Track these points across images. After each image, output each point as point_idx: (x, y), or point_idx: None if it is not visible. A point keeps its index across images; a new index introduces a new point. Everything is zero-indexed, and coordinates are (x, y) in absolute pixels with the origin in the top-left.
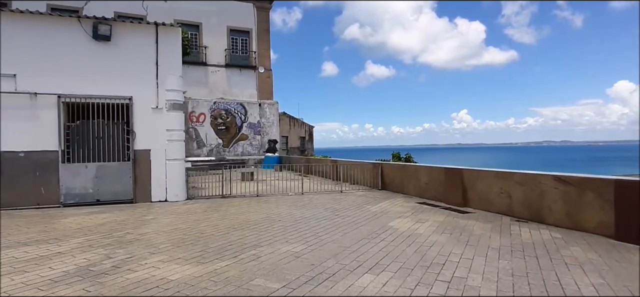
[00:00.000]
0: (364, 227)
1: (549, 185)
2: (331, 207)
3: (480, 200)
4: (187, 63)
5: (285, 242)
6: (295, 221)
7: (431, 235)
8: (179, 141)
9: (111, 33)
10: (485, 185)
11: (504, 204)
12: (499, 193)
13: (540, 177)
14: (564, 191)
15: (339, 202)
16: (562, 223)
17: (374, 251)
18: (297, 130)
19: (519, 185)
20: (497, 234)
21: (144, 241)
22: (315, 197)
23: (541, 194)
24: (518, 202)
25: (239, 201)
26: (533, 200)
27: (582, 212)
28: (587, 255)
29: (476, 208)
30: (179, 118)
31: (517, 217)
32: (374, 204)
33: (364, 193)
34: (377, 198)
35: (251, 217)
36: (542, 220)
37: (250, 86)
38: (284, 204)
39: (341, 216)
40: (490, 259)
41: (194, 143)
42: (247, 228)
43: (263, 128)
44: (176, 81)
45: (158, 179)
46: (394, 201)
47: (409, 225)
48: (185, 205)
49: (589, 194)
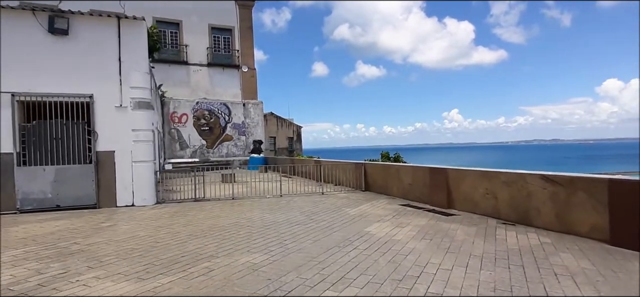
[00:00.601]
0: (338, 233)
1: (536, 185)
2: (308, 211)
3: (466, 201)
4: (168, 62)
5: (247, 252)
6: (265, 227)
7: (409, 242)
8: (146, 142)
9: (69, 26)
10: (470, 185)
11: (489, 205)
12: (485, 194)
13: (527, 177)
14: (552, 192)
15: (317, 205)
16: (551, 226)
17: (343, 261)
18: (285, 131)
19: (505, 185)
20: (481, 239)
21: (88, 253)
22: (294, 200)
23: (528, 195)
24: (504, 204)
25: (211, 205)
26: (520, 201)
27: (573, 214)
28: (579, 263)
29: (461, 210)
30: (146, 117)
31: (504, 220)
32: (354, 206)
33: (346, 195)
34: (359, 200)
35: (219, 223)
36: (529, 222)
37: (233, 86)
38: (258, 208)
39: (316, 220)
40: (471, 269)
41: (177, 144)
42: (210, 235)
43: (248, 128)
44: (142, 78)
45: (124, 182)
46: (376, 203)
47: (387, 230)
48: (153, 210)
49: (581, 194)
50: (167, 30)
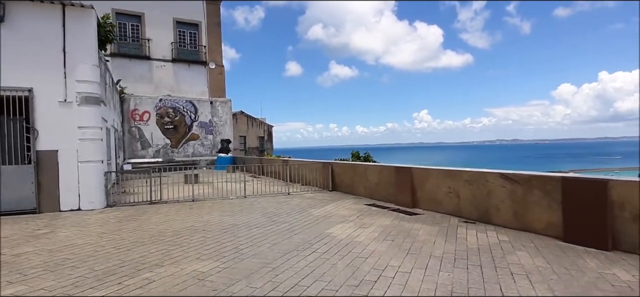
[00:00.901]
0: (299, 236)
1: (496, 183)
2: (271, 212)
3: (430, 200)
4: (128, 56)
5: (196, 260)
6: (222, 231)
7: (371, 243)
8: (94, 140)
9: (5, 13)
10: (434, 184)
11: (452, 204)
12: (448, 193)
13: (487, 176)
14: (511, 190)
15: (282, 206)
16: (509, 224)
17: (299, 266)
18: (255, 130)
19: (467, 184)
20: (442, 238)
21: (13, 265)
22: (258, 201)
23: (489, 194)
24: (466, 202)
25: (168, 208)
26: (481, 200)
27: (530, 212)
28: (534, 262)
29: (426, 209)
30: (94, 113)
31: (466, 218)
32: (319, 207)
33: (313, 195)
34: (325, 200)
35: (171, 227)
36: (489, 220)
37: (200, 83)
38: (218, 210)
39: (278, 222)
40: (430, 271)
41: (138, 143)
42: (159, 241)
43: (215, 127)
44: (90, 71)
45: (68, 184)
46: (341, 203)
47: (349, 231)
48: (101, 214)
49: (536, 192)
50: (128, 23)
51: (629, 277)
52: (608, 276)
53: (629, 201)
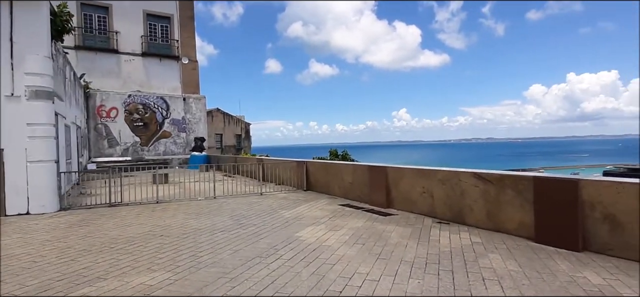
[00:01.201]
0: (265, 240)
1: (469, 183)
2: (239, 214)
3: (404, 200)
4: (94, 50)
5: (146, 270)
6: (182, 236)
7: (340, 247)
8: (46, 138)
9: None
10: (408, 184)
11: (426, 204)
12: (422, 193)
13: (461, 175)
14: (484, 190)
15: (252, 207)
16: (483, 224)
17: (260, 276)
18: (232, 128)
19: (441, 183)
20: (414, 241)
21: None
22: (228, 202)
23: (462, 193)
24: (440, 202)
25: (127, 211)
26: (454, 199)
27: (503, 212)
28: (506, 265)
29: (400, 209)
30: (46, 109)
31: (440, 218)
32: (291, 208)
33: (286, 195)
34: (298, 200)
35: (126, 233)
36: (463, 221)
37: (173, 78)
38: (183, 212)
39: (245, 225)
40: (400, 278)
41: (105, 142)
42: (110, 250)
43: (189, 125)
44: (41, 63)
45: (16, 186)
46: (315, 204)
47: (319, 234)
48: (51, 219)
49: (509, 192)
50: (94, 14)
51: (600, 280)
52: (579, 279)
53: (599, 201)
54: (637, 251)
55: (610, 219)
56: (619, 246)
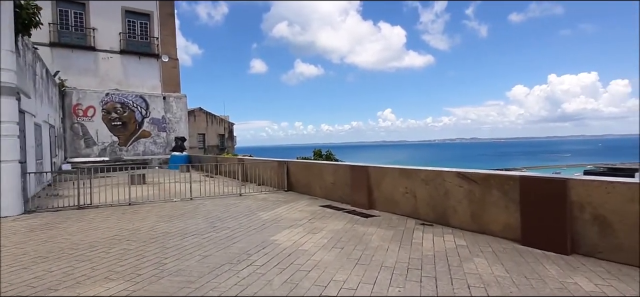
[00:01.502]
0: (238, 245)
1: (453, 183)
2: (215, 216)
3: (386, 201)
4: (70, 47)
5: (103, 280)
6: (150, 241)
7: (318, 252)
8: (9, 137)
9: None
10: (390, 184)
11: (409, 204)
12: (405, 193)
13: (444, 175)
14: (468, 190)
15: (229, 209)
16: (467, 225)
17: (228, 285)
18: (215, 128)
19: (424, 183)
20: (396, 244)
21: None
22: (205, 203)
23: (446, 194)
24: (423, 203)
25: (96, 214)
26: (438, 200)
27: (488, 213)
28: (492, 270)
29: (383, 210)
30: (10, 106)
31: (423, 220)
32: (269, 209)
33: (266, 195)
34: (278, 201)
35: (90, 238)
36: (447, 222)
37: (152, 77)
38: (156, 215)
39: (219, 228)
40: (379, 286)
41: (81, 141)
42: (68, 256)
43: (169, 124)
44: (3, 57)
45: None
46: (295, 205)
47: (297, 238)
48: (13, 222)
49: (495, 192)
50: (70, 10)
51: (592, 287)
52: (570, 285)
53: (588, 202)
54: (628, 253)
55: (600, 220)
56: (609, 248)
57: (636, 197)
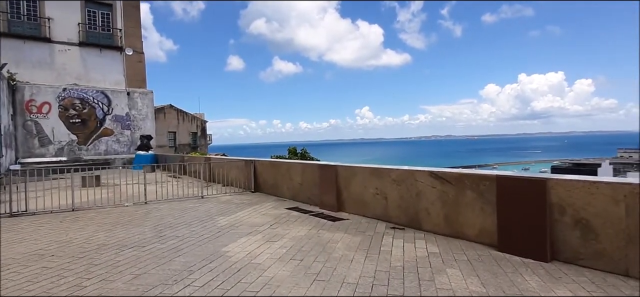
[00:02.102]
0: (182, 259)
1: (425, 183)
2: (166, 223)
3: (356, 202)
4: (22, 38)
5: None
6: (79, 256)
7: (273, 266)
8: None
9: None
10: (360, 185)
11: (380, 206)
12: (375, 194)
13: (416, 174)
14: (441, 191)
15: (184, 214)
16: (440, 229)
17: None
18: (187, 125)
19: (395, 184)
20: (362, 254)
21: None
22: (160, 208)
23: (418, 195)
24: (394, 205)
25: (30, 222)
26: (410, 202)
27: (462, 215)
28: (467, 284)
29: (352, 212)
30: None
31: (394, 223)
32: (230, 213)
33: (231, 197)
34: (242, 204)
35: (9, 254)
36: (419, 226)
37: (115, 71)
38: (98, 223)
39: (166, 238)
40: None
41: (35, 140)
42: None
43: (134, 121)
44: None
45: None
46: (259, 208)
47: (253, 248)
48: None
49: (469, 194)
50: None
51: None
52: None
53: (570, 204)
54: (613, 261)
55: (582, 224)
56: (591, 255)
57: (621, 199)
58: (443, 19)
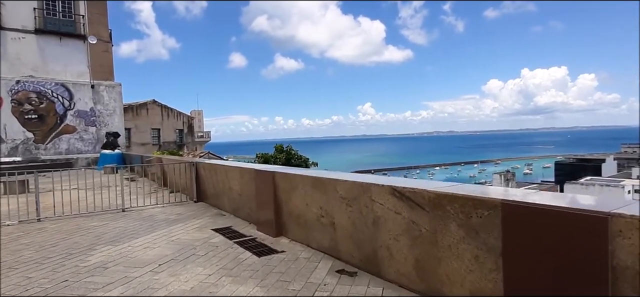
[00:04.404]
0: None
1: (386, 206)
2: (12, 261)
3: (299, 226)
4: None
5: None
6: None
7: None
8: None
9: None
10: (302, 201)
11: (326, 235)
12: (320, 216)
13: (372, 190)
14: (410, 221)
15: (66, 240)
16: (409, 281)
17: None
18: (172, 122)
19: (344, 203)
20: None
21: None
22: (49, 228)
23: (376, 223)
24: (344, 234)
25: None
26: (365, 232)
27: (444, 264)
28: None
29: (295, 239)
30: None
31: (344, 261)
32: (129, 238)
33: (161, 210)
34: (166, 222)
35: None
36: (378, 271)
37: (78, 62)
38: None
39: None
40: None
41: None
42: None
43: (99, 117)
44: None
45: None
46: (180, 228)
47: None
48: None
49: (454, 229)
50: None
51: None
52: None
53: None
54: None
55: None
56: None
57: None
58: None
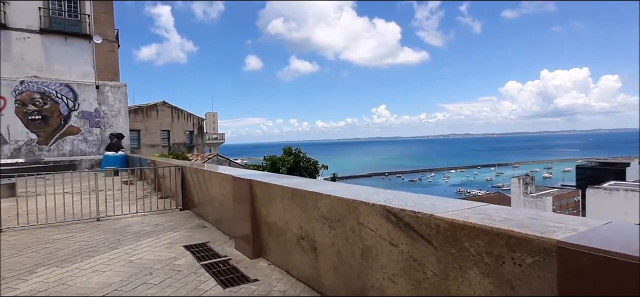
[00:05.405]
0: None
1: (378, 232)
2: None
3: (278, 246)
4: None
5: None
6: None
7: None
8: None
9: None
10: (280, 216)
11: (308, 262)
12: (300, 237)
13: (360, 210)
14: (409, 256)
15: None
16: None
17: None
18: (182, 124)
19: (326, 224)
20: None
21: None
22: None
23: (365, 255)
24: (327, 264)
25: None
26: (352, 264)
27: None
28: None
29: (274, 262)
30: None
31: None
32: (88, 255)
33: (140, 220)
34: (139, 234)
35: None
36: None
37: (83, 62)
38: None
39: None
40: None
41: None
42: None
43: (104, 118)
44: None
45: None
46: (150, 243)
47: None
48: None
49: (475, 276)
50: None
51: None
52: None
53: None
54: None
55: None
56: None
57: None
58: (461, 16)
